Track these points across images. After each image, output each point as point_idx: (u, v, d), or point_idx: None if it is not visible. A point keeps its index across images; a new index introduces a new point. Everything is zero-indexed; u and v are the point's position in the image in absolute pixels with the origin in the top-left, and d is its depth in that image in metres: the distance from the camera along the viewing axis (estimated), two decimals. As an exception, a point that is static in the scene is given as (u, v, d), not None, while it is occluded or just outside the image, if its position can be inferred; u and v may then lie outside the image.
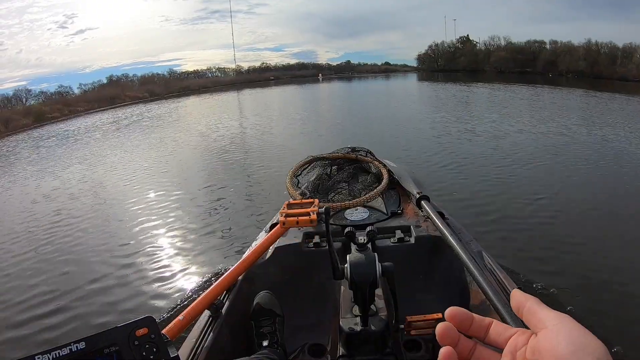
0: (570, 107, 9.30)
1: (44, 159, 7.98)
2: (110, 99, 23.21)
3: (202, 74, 36.34)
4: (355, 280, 0.99)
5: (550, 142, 5.74)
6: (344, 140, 4.67)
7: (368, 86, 22.50)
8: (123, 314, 2.25)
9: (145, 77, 31.64)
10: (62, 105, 20.50)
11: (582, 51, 23.44)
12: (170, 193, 4.52)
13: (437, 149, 5.54)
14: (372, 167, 1.95)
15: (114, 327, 0.73)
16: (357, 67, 41.33)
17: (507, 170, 4.41)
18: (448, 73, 30.34)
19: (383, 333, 1.06)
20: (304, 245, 1.44)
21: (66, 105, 20.57)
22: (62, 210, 4.33)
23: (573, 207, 3.31)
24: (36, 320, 2.32)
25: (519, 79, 21.62)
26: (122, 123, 12.71)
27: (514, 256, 2.50)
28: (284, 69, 39.00)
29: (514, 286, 1.08)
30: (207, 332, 1.08)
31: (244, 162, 5.82)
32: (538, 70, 25.69)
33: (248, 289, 1.29)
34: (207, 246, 3.06)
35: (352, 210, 1.63)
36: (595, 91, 12.97)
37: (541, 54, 26.66)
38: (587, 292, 2.11)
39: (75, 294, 2.54)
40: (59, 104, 20.67)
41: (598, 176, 4.15)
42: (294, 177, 1.83)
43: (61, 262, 3.05)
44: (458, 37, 35.38)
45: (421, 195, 1.59)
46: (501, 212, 3.25)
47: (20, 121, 16.47)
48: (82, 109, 20.09)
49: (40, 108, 19.58)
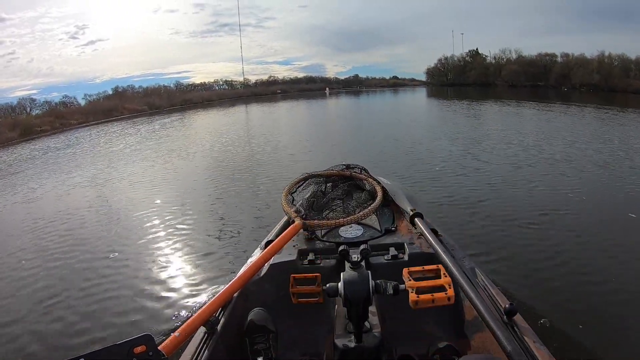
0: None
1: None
2: (108, 111, 23.35)
3: (208, 86, 37.69)
4: (349, 298, 1.07)
5: (546, 160, 5.93)
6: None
7: (376, 103, 22.58)
8: (119, 327, 2.34)
9: (148, 89, 32.59)
10: (54, 117, 20.51)
11: (595, 64, 23.79)
12: (164, 210, 4.64)
13: (436, 171, 5.71)
14: (366, 185, 2.04)
15: (112, 345, 0.81)
16: (365, 81, 42.75)
17: (502, 188, 4.65)
18: (458, 87, 30.79)
19: (377, 349, 1.13)
20: (299, 262, 1.52)
21: (58, 117, 20.61)
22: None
23: (568, 225, 3.45)
24: (34, 333, 2.40)
25: (530, 93, 21.91)
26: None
27: (507, 273, 2.62)
28: (292, 82, 40.43)
29: (507, 302, 1.15)
30: (203, 349, 1.14)
31: (236, 180, 5.94)
32: (550, 84, 26.05)
33: (243, 306, 1.36)
34: (203, 263, 3.16)
35: (346, 228, 1.72)
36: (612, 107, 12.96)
37: (553, 67, 27.08)
38: (579, 307, 2.23)
39: (68, 309, 2.63)
40: (52, 117, 20.77)
41: (595, 193, 4.33)
42: (289, 195, 1.92)
43: (48, 280, 3.12)
44: (467, 51, 36.19)
45: (415, 213, 1.68)
46: (495, 229, 3.42)
47: (4, 134, 15.93)
48: (75, 122, 20.17)
49: (30, 121, 19.43)
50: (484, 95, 21.89)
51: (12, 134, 16.29)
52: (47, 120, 19.64)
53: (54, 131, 17.79)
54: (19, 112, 24.47)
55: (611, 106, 13.44)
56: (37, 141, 14.76)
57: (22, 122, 18.73)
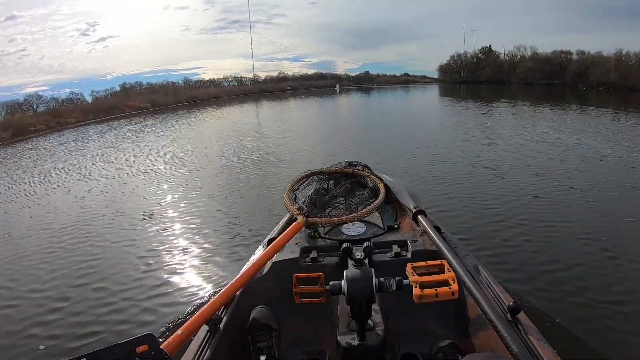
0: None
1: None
2: (110, 108, 23.40)
3: (217, 82, 38.27)
4: (352, 296, 1.11)
5: (549, 160, 6.00)
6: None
7: (387, 103, 22.28)
8: (121, 324, 2.42)
9: (153, 85, 32.89)
10: (51, 116, 20.41)
11: (612, 62, 23.57)
12: (165, 209, 4.75)
13: (440, 168, 5.82)
14: (368, 182, 2.09)
15: (115, 344, 0.84)
16: (376, 78, 43.00)
17: (505, 187, 4.74)
18: (471, 85, 30.63)
19: (380, 347, 1.17)
20: (302, 260, 1.56)
21: (55, 116, 20.51)
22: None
23: (574, 225, 3.49)
24: (37, 333, 2.47)
25: (546, 92, 21.75)
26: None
27: (510, 271, 2.66)
28: (302, 79, 40.90)
29: (510, 300, 1.17)
30: (205, 347, 1.17)
31: (240, 178, 6.04)
32: (567, 82, 25.86)
33: (246, 304, 1.40)
34: (205, 261, 3.26)
35: (349, 225, 1.77)
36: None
37: (569, 65, 26.88)
38: (584, 305, 2.28)
39: (73, 308, 2.72)
40: (49, 115, 20.66)
41: (604, 195, 4.35)
42: (292, 192, 1.96)
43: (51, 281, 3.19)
44: (480, 48, 36.05)
45: (417, 210, 1.72)
46: (499, 228, 3.48)
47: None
48: (73, 121, 20.11)
49: (24, 120, 19.17)
50: (499, 93, 21.77)
51: (4, 135, 16.03)
52: (43, 119, 19.49)
53: (49, 130, 17.73)
54: (26, 108, 24.75)
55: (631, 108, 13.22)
56: (25, 143, 14.53)
57: (16, 122, 18.38)
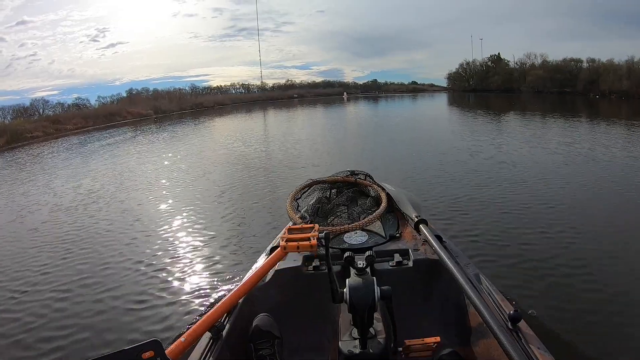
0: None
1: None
2: (110, 115, 23.57)
3: (225, 89, 39.25)
4: (354, 304, 1.16)
5: (553, 165, 6.11)
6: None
7: (397, 113, 21.66)
8: (125, 333, 2.47)
9: (159, 92, 33.39)
10: (49, 122, 20.54)
11: (624, 69, 23.62)
12: (169, 216, 4.83)
13: (443, 175, 5.93)
14: (370, 191, 2.16)
15: (121, 350, 0.90)
16: (384, 86, 43.78)
17: (507, 195, 4.80)
18: (480, 93, 30.72)
19: (382, 356, 1.22)
20: (304, 269, 1.62)
21: (54, 122, 20.66)
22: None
23: (575, 235, 3.52)
24: (42, 339, 2.52)
25: (558, 100, 21.76)
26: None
27: (512, 279, 2.70)
28: (310, 87, 41.82)
29: (511, 308, 1.22)
30: (208, 354, 1.22)
31: (243, 187, 6.10)
32: (578, 90, 25.92)
33: (248, 312, 1.46)
34: (208, 268, 3.32)
35: (351, 234, 1.83)
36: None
37: (580, 73, 26.96)
38: (585, 314, 2.30)
39: (77, 315, 2.76)
40: (47, 121, 20.75)
41: (606, 204, 4.40)
42: (294, 201, 2.03)
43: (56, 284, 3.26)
44: (489, 56, 36.33)
45: (419, 219, 1.78)
46: (500, 236, 3.51)
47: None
48: (72, 127, 20.20)
49: (20, 126, 19.08)
50: (509, 102, 21.77)
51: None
52: (41, 125, 19.53)
53: (46, 137, 17.71)
54: (31, 113, 25.37)
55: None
56: (17, 150, 14.33)
57: (10, 128, 18.22)
